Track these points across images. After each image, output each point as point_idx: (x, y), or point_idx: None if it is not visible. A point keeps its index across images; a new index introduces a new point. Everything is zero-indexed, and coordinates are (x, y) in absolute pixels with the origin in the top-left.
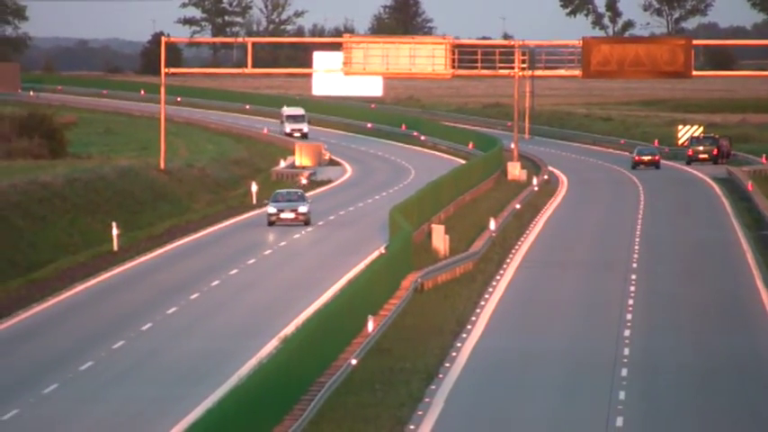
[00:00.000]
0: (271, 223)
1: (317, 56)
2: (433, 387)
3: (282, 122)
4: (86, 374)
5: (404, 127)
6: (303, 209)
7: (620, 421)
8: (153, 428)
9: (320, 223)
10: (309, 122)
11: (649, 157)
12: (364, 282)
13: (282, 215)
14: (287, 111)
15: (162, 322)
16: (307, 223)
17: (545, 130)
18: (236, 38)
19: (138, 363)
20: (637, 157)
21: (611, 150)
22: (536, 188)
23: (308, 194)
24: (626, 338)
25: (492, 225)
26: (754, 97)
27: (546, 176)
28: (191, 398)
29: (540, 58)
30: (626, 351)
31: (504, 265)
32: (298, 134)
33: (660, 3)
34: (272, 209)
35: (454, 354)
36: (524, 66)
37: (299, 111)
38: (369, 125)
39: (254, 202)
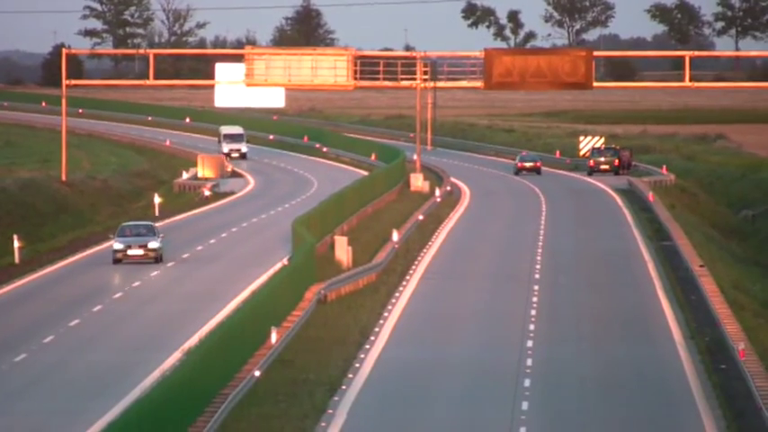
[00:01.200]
0: (116, 261)
1: (220, 67)
2: (337, 398)
3: (220, 142)
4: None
5: (306, 139)
6: (153, 244)
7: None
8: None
9: (223, 235)
10: (248, 142)
11: (531, 164)
12: (267, 293)
13: (130, 251)
14: (225, 130)
15: (65, 335)
16: (158, 260)
17: (448, 141)
18: (138, 49)
19: (40, 376)
20: (519, 164)
21: (513, 161)
22: (439, 199)
23: (210, 205)
24: (529, 349)
25: (395, 236)
26: (655, 108)
27: (449, 188)
28: (94, 411)
29: (443, 69)
30: (529, 362)
31: (408, 277)
32: (236, 155)
33: (561, 14)
34: (117, 245)
35: (357, 365)
36: (426, 77)
37: (238, 129)
38: (271, 137)
39: (157, 213)
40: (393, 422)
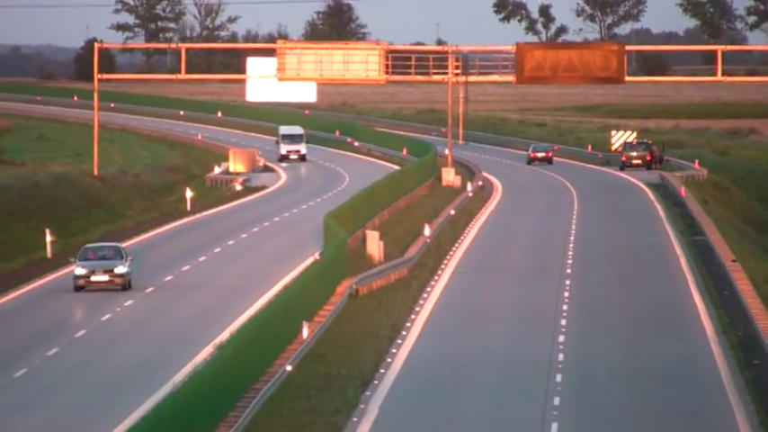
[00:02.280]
0: (78, 288)
1: (251, 62)
2: (369, 393)
3: (277, 142)
4: (21, 381)
5: (338, 133)
6: (120, 269)
7: (554, 427)
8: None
9: (255, 229)
10: (308, 142)
11: (543, 154)
12: (299, 288)
13: (93, 277)
14: (283, 130)
15: (96, 329)
16: (125, 287)
17: (479, 135)
18: (170, 44)
19: (73, 369)
20: (532, 154)
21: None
22: (470, 194)
23: (240, 201)
24: (560, 344)
25: (426, 231)
26: (687, 103)
27: (480, 182)
28: (126, 405)
29: (474, 63)
30: (560, 356)
31: (439, 271)
32: (294, 156)
33: (593, 8)
34: (79, 269)
35: (389, 359)
36: (458, 71)
37: (297, 130)
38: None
39: (189, 208)
40: (425, 417)
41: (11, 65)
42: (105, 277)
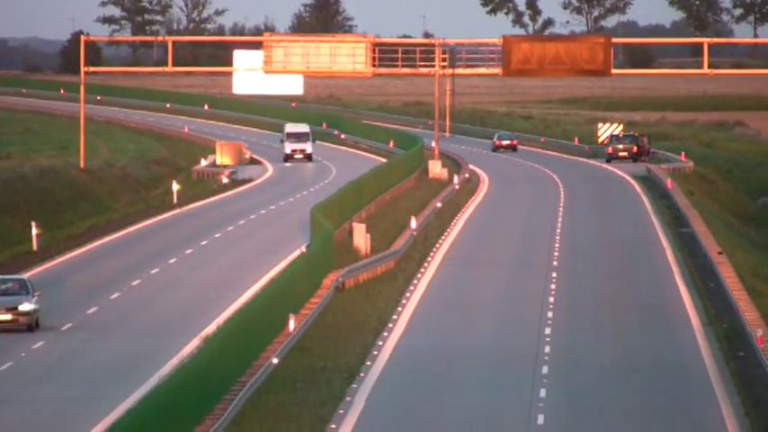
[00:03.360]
0: None
1: (238, 54)
2: (355, 386)
3: (282, 141)
4: (3, 375)
5: (324, 126)
6: (26, 306)
7: (541, 419)
8: (74, 428)
9: (241, 222)
10: (315, 141)
11: (508, 142)
12: (285, 280)
13: None
14: (289, 128)
15: (82, 322)
16: (31, 327)
17: (466, 128)
18: (157, 36)
19: (58, 363)
20: (497, 142)
21: (531, 149)
22: (457, 186)
23: (226, 194)
24: (547, 336)
25: (413, 224)
26: (674, 95)
27: (467, 175)
28: (112, 398)
29: (461, 56)
30: (547, 349)
31: (426, 264)
32: (300, 156)
33: (580, 1)
34: None
35: (375, 352)
36: (445, 64)
37: (304, 128)
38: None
39: (175, 201)
40: (411, 409)
41: None
42: (8, 316)
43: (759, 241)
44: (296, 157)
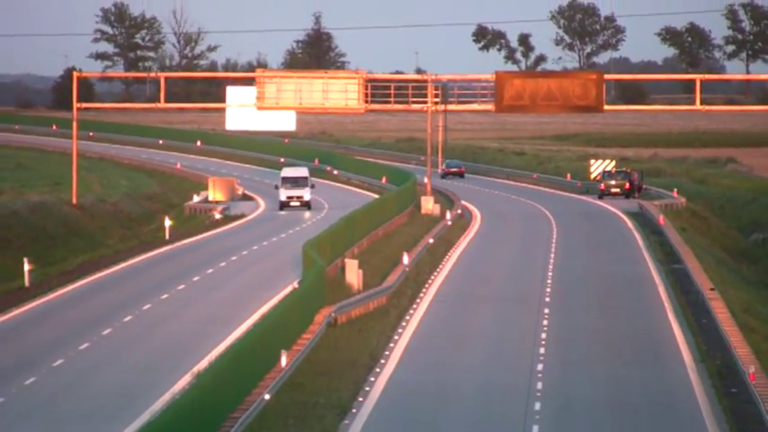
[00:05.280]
0: None
1: (230, 90)
2: (347, 422)
3: (277, 187)
4: None
5: (317, 161)
6: None
7: None
8: None
9: (233, 258)
10: (313, 187)
11: (456, 169)
12: (277, 316)
13: None
14: (285, 172)
15: (74, 358)
16: None
17: (458, 164)
18: (149, 72)
19: (49, 399)
20: (447, 170)
21: (524, 184)
22: (449, 222)
23: (219, 229)
24: (539, 372)
25: (405, 259)
26: (666, 132)
27: (459, 210)
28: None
29: (453, 92)
30: (539, 385)
31: (418, 300)
32: (296, 203)
33: (572, 38)
34: None
35: (368, 388)
36: (437, 100)
37: (302, 172)
38: (282, 160)
39: (168, 237)
40: None
41: None
42: None
43: (751, 277)
44: (292, 204)
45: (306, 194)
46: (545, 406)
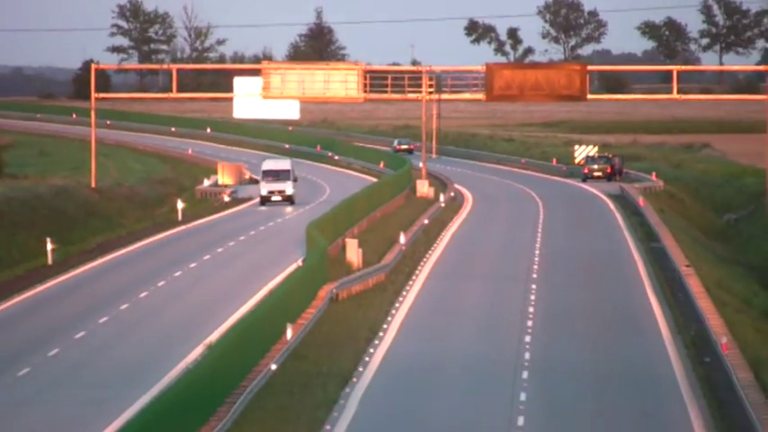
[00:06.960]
0: None
1: (238, 81)
2: (348, 390)
3: (259, 181)
4: (24, 380)
5: (319, 148)
6: None
7: (521, 420)
8: (89, 429)
9: (241, 237)
10: (296, 180)
11: (406, 146)
12: (283, 292)
13: None
14: (266, 165)
15: (94, 331)
16: None
17: (451, 149)
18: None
19: (72, 369)
20: (397, 147)
21: (513, 169)
22: (443, 204)
23: (227, 211)
24: (527, 343)
25: (402, 239)
26: (645, 119)
27: (452, 193)
28: (125, 400)
29: (447, 82)
30: (527, 355)
31: (414, 277)
32: (278, 198)
33: (558, 31)
34: None
35: (367, 359)
36: (431, 90)
37: (284, 164)
38: (286, 146)
39: (180, 218)
40: (400, 411)
41: (13, 85)
42: None
43: (724, 255)
44: (273, 199)
45: (288, 188)
46: (532, 375)
